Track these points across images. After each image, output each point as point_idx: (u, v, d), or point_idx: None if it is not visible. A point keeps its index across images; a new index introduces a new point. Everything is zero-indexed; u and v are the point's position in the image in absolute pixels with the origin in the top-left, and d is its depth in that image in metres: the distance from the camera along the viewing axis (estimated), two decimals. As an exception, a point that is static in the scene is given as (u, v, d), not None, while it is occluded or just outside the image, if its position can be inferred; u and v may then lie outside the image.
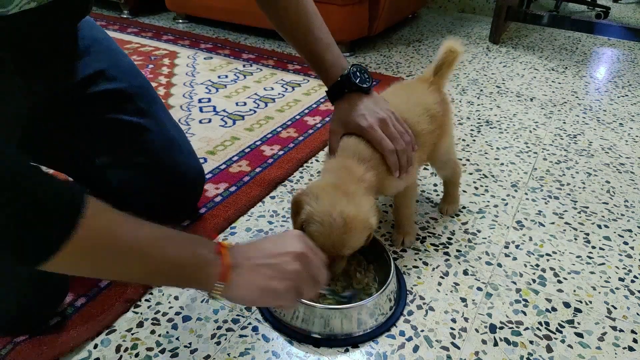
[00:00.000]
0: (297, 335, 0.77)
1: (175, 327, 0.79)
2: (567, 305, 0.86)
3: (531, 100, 1.69)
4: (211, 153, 1.28)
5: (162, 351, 0.75)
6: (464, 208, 1.11)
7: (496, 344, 0.78)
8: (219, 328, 0.79)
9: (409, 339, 0.78)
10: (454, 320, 0.82)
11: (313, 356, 0.75)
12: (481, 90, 1.75)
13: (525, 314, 0.84)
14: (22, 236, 0.48)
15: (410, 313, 0.83)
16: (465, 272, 0.92)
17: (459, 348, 0.77)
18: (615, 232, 1.05)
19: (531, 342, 0.78)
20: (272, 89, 1.70)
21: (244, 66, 1.89)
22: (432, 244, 0.99)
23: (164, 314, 0.81)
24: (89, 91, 0.88)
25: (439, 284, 0.89)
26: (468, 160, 1.30)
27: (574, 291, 0.89)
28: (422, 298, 0.86)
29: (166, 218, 0.66)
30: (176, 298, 0.84)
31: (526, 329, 0.81)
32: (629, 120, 1.57)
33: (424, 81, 0.96)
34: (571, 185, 1.21)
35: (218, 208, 1.06)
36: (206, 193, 1.11)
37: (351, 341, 0.77)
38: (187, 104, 1.56)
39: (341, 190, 0.75)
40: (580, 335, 0.80)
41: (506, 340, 0.79)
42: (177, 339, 0.77)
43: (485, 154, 1.34)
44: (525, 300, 0.86)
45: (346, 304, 0.80)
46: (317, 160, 1.28)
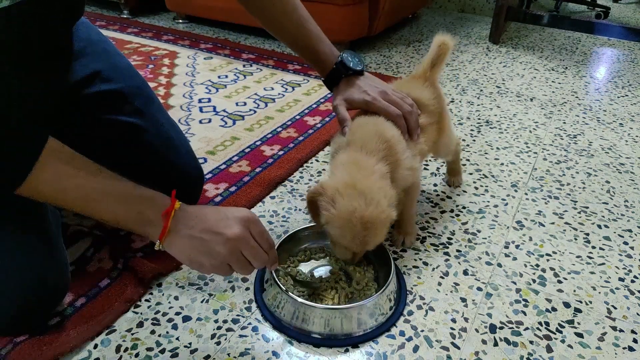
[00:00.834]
0: (297, 335, 0.77)
1: (175, 327, 0.79)
2: (567, 305, 0.86)
3: (531, 100, 1.69)
4: (211, 153, 1.28)
5: (162, 351, 0.75)
6: (464, 208, 1.11)
7: (496, 344, 0.78)
8: (219, 328, 0.79)
9: (409, 339, 0.78)
10: (454, 320, 0.82)
11: (313, 356, 0.75)
12: (481, 90, 1.75)
13: (525, 314, 0.84)
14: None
15: (410, 313, 0.83)
16: (465, 272, 0.92)
17: (459, 348, 0.77)
18: (615, 232, 1.05)
19: (531, 342, 0.78)
20: (272, 89, 1.70)
21: (244, 66, 1.89)
22: (432, 244, 0.99)
23: (164, 314, 0.81)
24: (85, 92, 0.88)
25: (439, 284, 0.89)
26: (468, 160, 1.30)
27: (574, 291, 0.89)
28: (422, 298, 0.86)
29: None
30: (176, 298, 0.84)
31: (526, 329, 0.81)
32: (629, 120, 1.57)
33: (418, 78, 0.98)
34: (571, 185, 1.21)
35: (218, 208, 1.06)
36: (206, 193, 1.11)
37: (351, 341, 0.77)
38: (187, 104, 1.56)
39: (357, 189, 0.74)
40: (580, 335, 0.80)
41: (506, 340, 0.79)
42: (177, 339, 0.77)
43: (485, 154, 1.34)
44: (525, 300, 0.86)
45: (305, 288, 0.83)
46: (317, 160, 1.28)
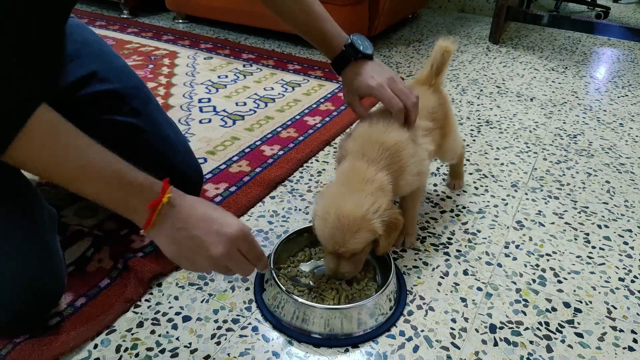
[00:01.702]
0: (297, 335, 0.77)
1: (175, 327, 0.79)
2: (567, 305, 0.86)
3: (531, 100, 1.69)
4: (211, 153, 1.28)
5: (162, 351, 0.75)
6: (464, 208, 1.11)
7: (496, 344, 0.78)
8: (219, 328, 0.79)
9: (409, 339, 0.78)
10: (454, 320, 0.82)
11: (313, 356, 0.75)
12: (481, 90, 1.75)
13: (525, 314, 0.84)
14: None
15: (410, 313, 0.83)
16: (465, 272, 0.92)
17: (459, 348, 0.77)
18: (615, 232, 1.05)
19: (531, 342, 0.78)
20: (272, 89, 1.70)
21: (244, 66, 1.89)
22: (432, 244, 0.99)
23: (164, 314, 0.81)
24: (81, 93, 0.88)
25: (439, 284, 0.89)
26: (468, 160, 1.30)
27: (574, 291, 0.89)
28: (422, 298, 0.86)
29: None
30: (176, 298, 0.84)
31: (526, 329, 0.81)
32: (629, 120, 1.57)
33: (423, 83, 0.97)
34: (571, 185, 1.21)
35: (218, 208, 1.06)
36: (206, 193, 1.11)
37: (351, 341, 0.77)
38: (187, 104, 1.56)
39: (345, 190, 0.75)
40: (580, 335, 0.80)
41: (506, 340, 0.79)
42: (177, 339, 0.77)
43: (485, 154, 1.34)
44: (525, 300, 0.86)
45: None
46: (317, 160, 1.28)
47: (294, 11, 0.91)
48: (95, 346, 0.75)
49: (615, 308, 0.86)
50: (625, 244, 1.02)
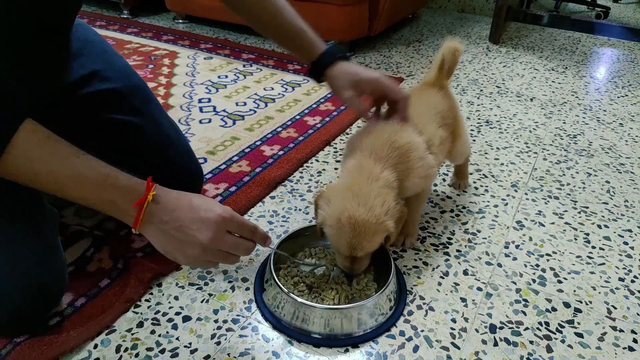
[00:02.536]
0: (297, 335, 0.77)
1: (175, 327, 0.79)
2: (567, 305, 0.86)
3: (531, 100, 1.69)
4: (211, 153, 1.28)
5: (162, 351, 0.75)
6: (464, 208, 1.11)
7: (496, 344, 0.78)
8: (219, 328, 0.79)
9: (409, 339, 0.78)
10: (454, 320, 0.82)
11: (313, 356, 0.75)
12: (481, 90, 1.75)
13: (525, 314, 0.84)
14: None
15: (410, 313, 0.83)
16: (465, 272, 0.92)
17: (459, 348, 0.77)
18: (615, 232, 1.05)
19: (531, 342, 0.78)
20: (272, 89, 1.70)
21: (244, 66, 1.89)
22: (432, 244, 0.99)
23: (164, 314, 0.81)
24: (83, 92, 0.88)
25: (439, 284, 0.89)
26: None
27: (574, 291, 0.89)
28: (422, 298, 0.86)
29: None
30: (176, 298, 0.84)
31: (526, 329, 0.81)
32: (629, 120, 1.57)
33: (432, 86, 0.97)
34: (571, 185, 1.21)
35: (218, 208, 1.06)
36: (206, 193, 1.11)
37: (351, 341, 0.77)
38: (187, 104, 1.56)
39: (353, 192, 0.74)
40: (580, 335, 0.80)
41: (506, 340, 0.79)
42: (177, 339, 0.77)
43: (485, 154, 1.34)
44: (525, 300, 0.86)
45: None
46: (317, 160, 1.28)
47: (270, 12, 0.89)
48: (95, 346, 0.75)
49: (615, 308, 0.86)
50: (625, 244, 1.02)
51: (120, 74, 0.94)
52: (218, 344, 0.76)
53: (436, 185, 1.19)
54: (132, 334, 0.77)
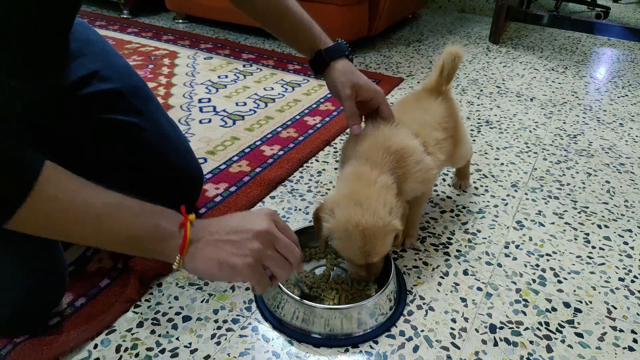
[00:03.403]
0: (297, 335, 0.77)
1: (175, 327, 0.79)
2: (567, 305, 0.86)
3: (531, 100, 1.69)
4: (211, 153, 1.28)
5: (162, 351, 0.75)
6: (464, 208, 1.11)
7: (496, 344, 0.78)
8: (219, 328, 0.79)
9: (409, 339, 0.78)
10: (454, 320, 0.82)
11: (313, 356, 0.75)
12: (481, 90, 1.75)
13: (525, 314, 0.84)
14: None
15: (410, 313, 0.83)
16: (465, 272, 0.92)
17: (459, 348, 0.77)
18: (615, 232, 1.05)
19: (531, 342, 0.78)
20: (272, 89, 1.70)
21: (244, 66, 1.89)
22: (432, 244, 0.99)
23: (164, 314, 0.81)
24: (83, 92, 0.88)
25: (439, 284, 0.89)
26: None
27: (574, 291, 0.89)
28: (422, 298, 0.86)
29: None
30: (176, 298, 0.84)
31: (526, 329, 0.81)
32: (629, 120, 1.57)
33: (432, 91, 0.96)
34: (571, 185, 1.21)
35: (218, 208, 1.06)
36: (206, 193, 1.11)
37: (351, 341, 0.77)
38: (187, 104, 1.56)
39: (353, 199, 0.74)
40: (580, 335, 0.80)
41: (506, 340, 0.79)
42: (177, 339, 0.77)
43: (485, 154, 1.34)
44: (525, 300, 0.86)
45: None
46: (317, 160, 1.28)
47: (275, 5, 0.90)
48: (95, 346, 0.75)
49: (615, 308, 0.86)
50: (625, 244, 1.02)
51: (120, 74, 0.94)
52: (218, 344, 0.76)
53: (436, 185, 1.19)
54: (132, 334, 0.77)
